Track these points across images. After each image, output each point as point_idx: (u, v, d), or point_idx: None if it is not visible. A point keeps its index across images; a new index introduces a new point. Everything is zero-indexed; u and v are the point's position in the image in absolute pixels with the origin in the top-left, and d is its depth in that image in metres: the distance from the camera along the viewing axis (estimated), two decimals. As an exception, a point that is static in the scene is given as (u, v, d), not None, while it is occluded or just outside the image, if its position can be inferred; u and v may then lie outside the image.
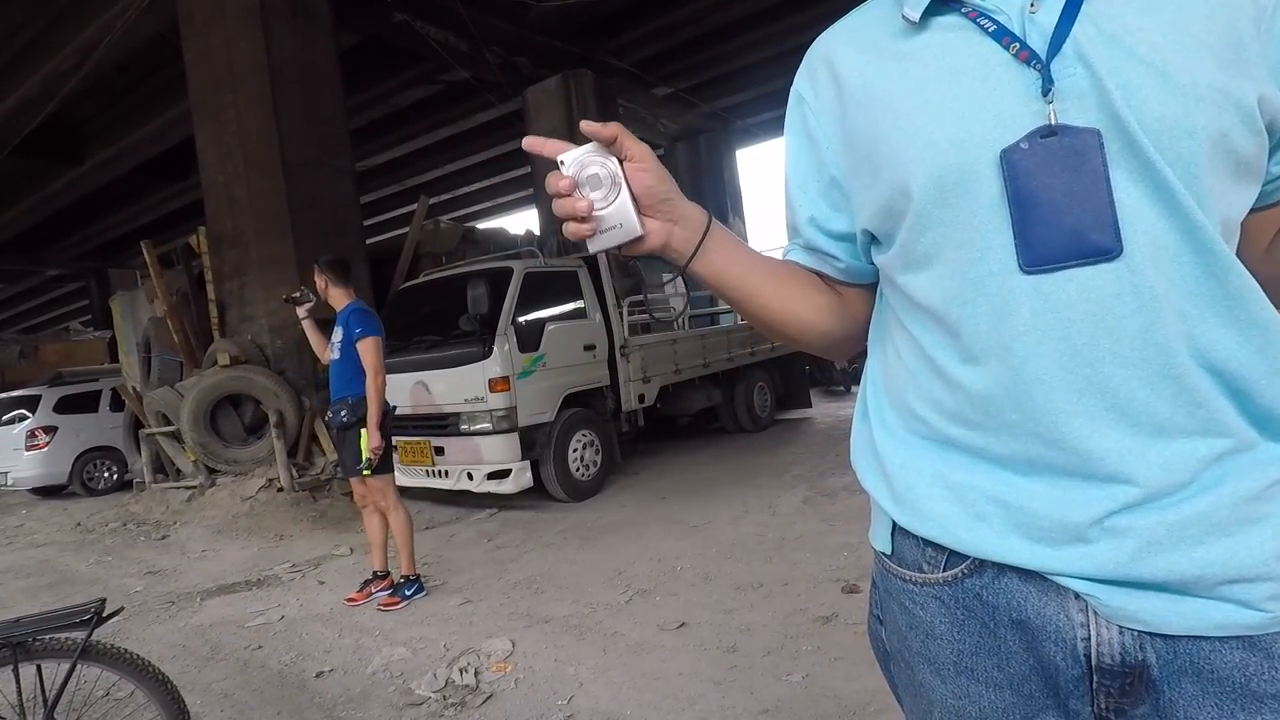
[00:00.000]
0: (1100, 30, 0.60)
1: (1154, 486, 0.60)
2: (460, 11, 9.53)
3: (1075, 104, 0.60)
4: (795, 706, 2.36)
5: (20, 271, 21.36)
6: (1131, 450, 0.61)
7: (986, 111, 0.64)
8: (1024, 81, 0.62)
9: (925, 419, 0.72)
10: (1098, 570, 0.62)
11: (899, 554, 0.76)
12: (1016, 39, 0.63)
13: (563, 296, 6.14)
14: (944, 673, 0.72)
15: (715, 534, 4.42)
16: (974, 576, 0.69)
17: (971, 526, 0.69)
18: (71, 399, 9.61)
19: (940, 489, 0.71)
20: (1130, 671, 0.63)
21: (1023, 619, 0.67)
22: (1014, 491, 0.66)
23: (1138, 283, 0.59)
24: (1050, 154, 0.60)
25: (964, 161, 0.64)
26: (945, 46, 0.67)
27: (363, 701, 2.73)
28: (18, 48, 10.06)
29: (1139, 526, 0.61)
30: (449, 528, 5.42)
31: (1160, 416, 0.60)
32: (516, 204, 22.22)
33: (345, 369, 3.74)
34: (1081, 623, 0.64)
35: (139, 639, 3.60)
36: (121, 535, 6.43)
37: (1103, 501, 0.62)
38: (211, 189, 8.01)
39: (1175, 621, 0.61)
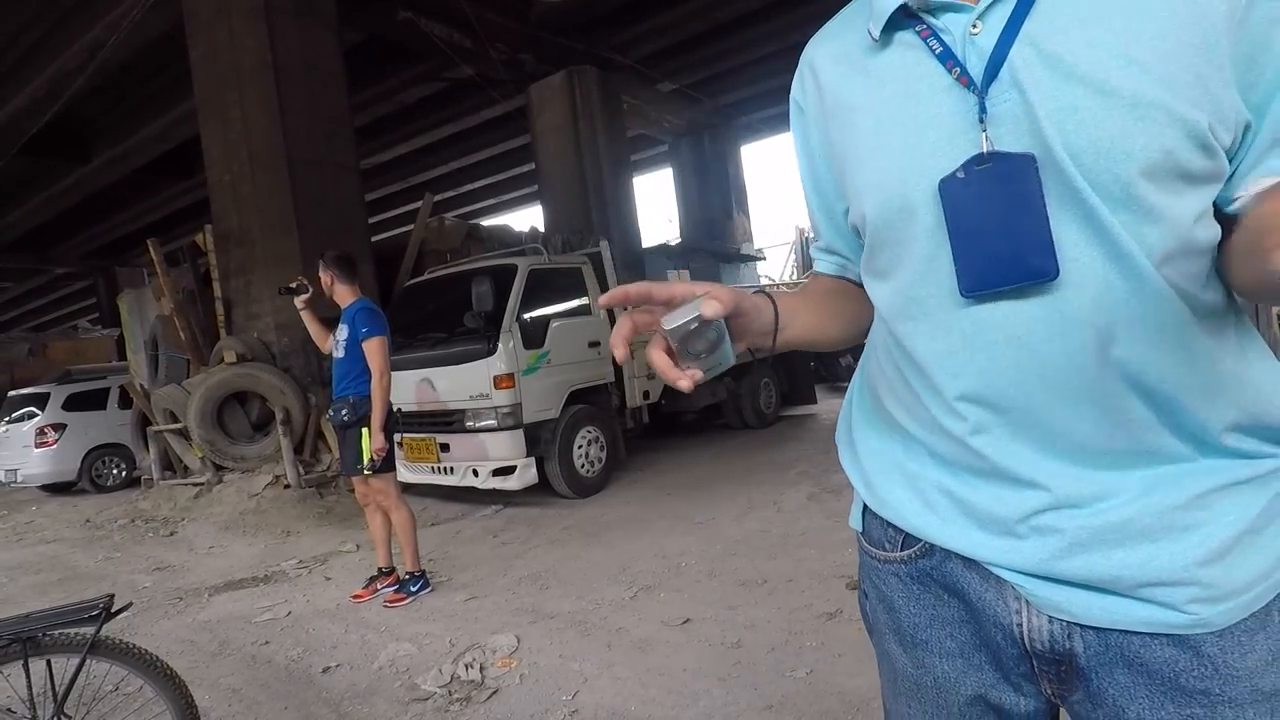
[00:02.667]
0: (1039, 51, 0.59)
1: (1065, 496, 0.63)
2: (464, 8, 9.53)
3: (1010, 129, 0.60)
4: (799, 702, 2.36)
5: (28, 270, 21.49)
6: (1049, 463, 0.64)
7: (927, 139, 0.64)
8: (965, 107, 0.62)
9: (891, 412, 0.76)
10: (1024, 564, 0.66)
11: (868, 533, 0.82)
12: (958, 63, 0.63)
13: (567, 293, 6.14)
14: (904, 643, 0.78)
15: (720, 530, 4.42)
16: (925, 558, 0.75)
17: (921, 513, 0.74)
18: (80, 396, 9.66)
19: (899, 476, 0.76)
20: (1061, 659, 0.67)
21: (966, 601, 0.72)
22: (958, 484, 0.70)
23: (1063, 308, 0.60)
24: (985, 182, 0.60)
25: (906, 190, 0.65)
26: (901, 66, 0.67)
27: (369, 696, 2.74)
28: (24, 47, 10.11)
29: (1062, 527, 0.64)
30: (454, 524, 5.44)
31: (1081, 435, 0.62)
32: (521, 201, 22.21)
33: (349, 367, 3.71)
34: (1016, 609, 0.68)
35: (147, 634, 3.63)
36: (130, 531, 6.47)
37: (1026, 502, 0.65)
38: (217, 187, 8.04)
39: (1100, 615, 0.64)
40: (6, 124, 11.44)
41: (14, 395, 10.09)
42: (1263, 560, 0.62)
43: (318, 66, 8.03)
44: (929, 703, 0.77)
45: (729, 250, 13.56)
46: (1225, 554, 0.61)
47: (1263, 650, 0.62)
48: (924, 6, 0.65)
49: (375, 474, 3.68)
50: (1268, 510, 0.62)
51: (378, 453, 3.61)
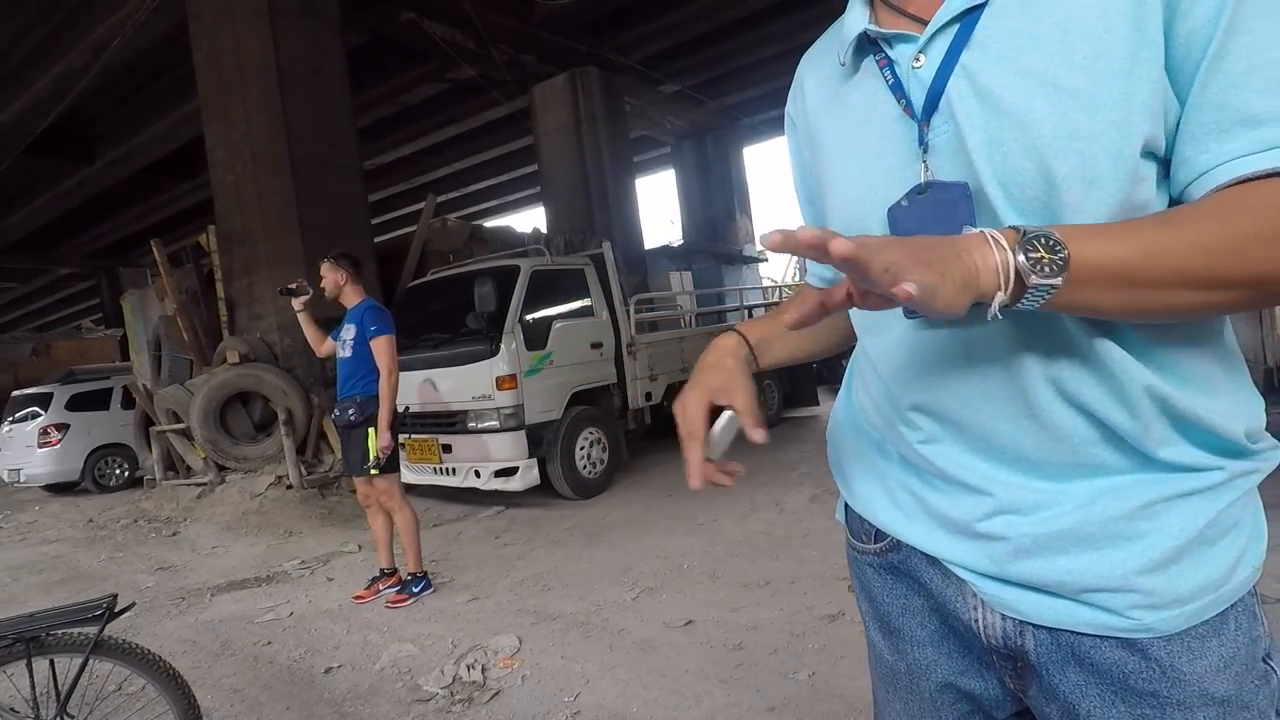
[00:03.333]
0: (972, 84, 0.61)
1: (1010, 502, 0.66)
2: (467, 9, 9.55)
3: (948, 160, 0.62)
4: (801, 704, 2.36)
5: (32, 270, 21.55)
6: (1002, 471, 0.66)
7: (878, 167, 0.68)
8: (910, 137, 0.65)
9: (867, 413, 0.80)
10: (976, 565, 0.69)
11: (850, 525, 0.86)
12: (903, 95, 0.66)
13: (570, 294, 6.14)
14: (883, 630, 0.83)
15: (722, 532, 4.42)
16: (894, 551, 0.79)
17: (888, 509, 0.78)
18: (83, 396, 9.68)
19: (870, 472, 0.81)
20: (1015, 654, 0.70)
21: (929, 594, 0.76)
22: (919, 485, 0.74)
23: (1005, 330, 0.62)
24: (923, 210, 0.63)
25: (864, 215, 0.69)
26: (862, 95, 0.71)
27: (371, 697, 2.74)
28: (29, 48, 10.14)
29: (1008, 534, 0.66)
30: (456, 525, 5.44)
31: (1023, 449, 0.65)
32: (524, 202, 22.24)
33: (357, 367, 3.70)
34: (974, 605, 0.71)
35: (150, 634, 3.63)
36: (133, 532, 6.48)
37: (976, 507, 0.68)
38: (220, 188, 8.06)
39: (1049, 615, 0.66)
40: (11, 124, 11.48)
41: (17, 395, 10.11)
42: (1212, 570, 0.62)
43: (321, 67, 8.04)
44: (904, 688, 0.81)
45: (731, 252, 13.57)
46: (1169, 564, 0.61)
47: (1214, 656, 0.62)
48: (881, 36, 0.68)
49: (380, 474, 3.66)
50: (1218, 521, 0.62)
51: (383, 451, 3.60)
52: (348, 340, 3.73)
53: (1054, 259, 0.52)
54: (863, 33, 0.69)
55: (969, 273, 0.52)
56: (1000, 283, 0.52)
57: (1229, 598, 0.63)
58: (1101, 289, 0.54)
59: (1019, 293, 0.53)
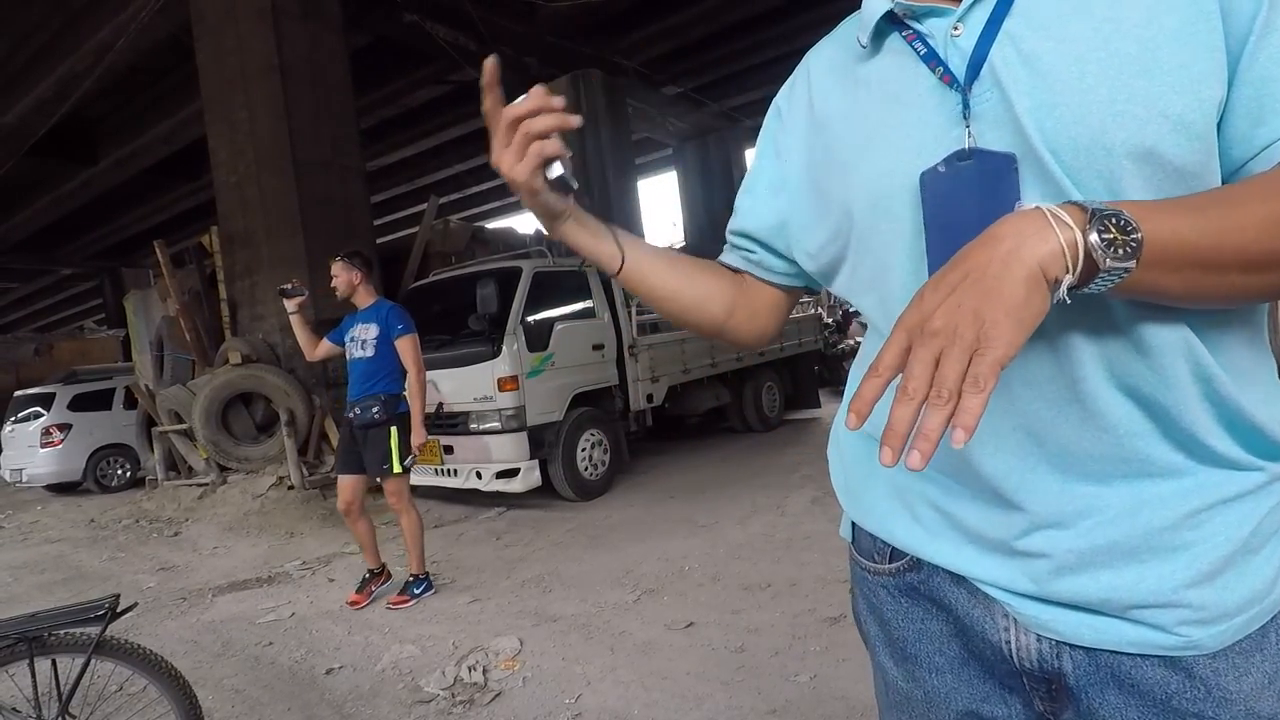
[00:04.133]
0: (1018, 51, 0.59)
1: (1048, 516, 0.62)
2: (470, 11, 9.56)
3: (991, 128, 0.60)
4: (803, 707, 2.36)
5: (35, 270, 21.57)
6: (1037, 474, 0.62)
7: (913, 138, 0.64)
8: (947, 106, 0.62)
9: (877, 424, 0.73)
10: (1011, 584, 0.65)
11: (858, 543, 0.81)
12: (941, 63, 0.63)
13: (571, 296, 6.15)
14: (895, 656, 0.77)
15: (723, 534, 4.42)
16: (913, 571, 0.73)
17: (909, 526, 0.72)
18: (85, 397, 9.70)
19: (886, 487, 0.75)
20: (1050, 677, 0.65)
21: (953, 616, 0.71)
22: (946, 498, 0.69)
23: None
24: (965, 177, 0.60)
25: (892, 186, 0.65)
26: (888, 71, 0.68)
27: (372, 698, 2.74)
28: (33, 49, 10.16)
29: (1050, 549, 0.62)
30: (457, 526, 5.44)
31: (1064, 439, 0.61)
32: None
33: (380, 366, 3.69)
34: (1005, 626, 0.67)
35: (152, 634, 3.64)
36: (134, 532, 6.49)
37: (1009, 524, 0.64)
38: (223, 189, 8.07)
39: (1089, 635, 0.62)
40: (15, 125, 11.50)
41: (20, 395, 10.13)
42: (1257, 580, 0.60)
43: (324, 69, 8.06)
44: (919, 716, 0.76)
45: (733, 253, 13.54)
46: (1216, 575, 0.59)
47: (1259, 673, 0.59)
48: (908, 12, 0.66)
49: (397, 474, 3.66)
50: (1261, 529, 0.60)
51: (419, 448, 3.66)
52: (367, 340, 3.70)
53: (1128, 240, 0.48)
54: (887, 12, 0.67)
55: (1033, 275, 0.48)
56: (1067, 264, 0.48)
57: (1270, 610, 0.60)
58: (1166, 270, 0.50)
59: (1088, 276, 0.49)
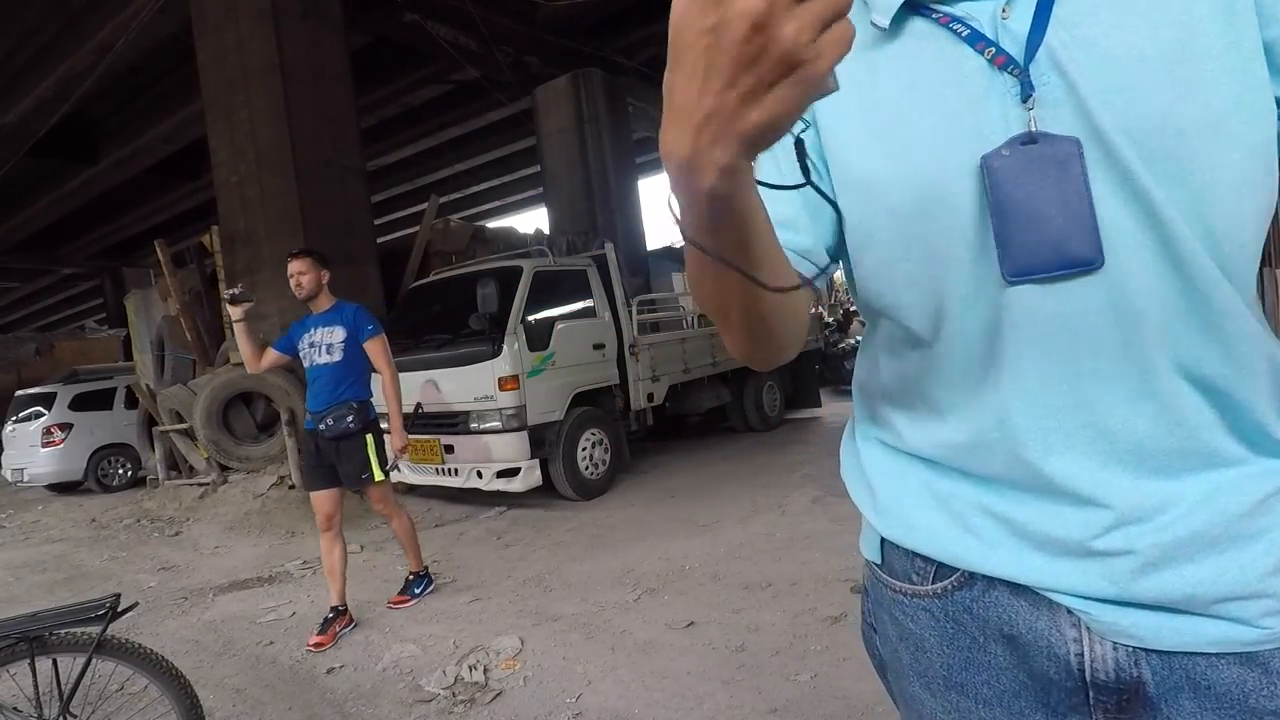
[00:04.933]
0: (1074, 35, 0.58)
1: (1130, 511, 0.59)
2: (470, 11, 9.56)
3: (1051, 112, 0.58)
4: (803, 706, 2.36)
5: (36, 270, 21.60)
6: (1108, 471, 0.60)
7: (963, 121, 0.61)
8: (1000, 88, 0.60)
9: (905, 435, 0.70)
10: (1088, 588, 0.61)
11: (888, 564, 0.74)
12: (992, 44, 0.60)
13: (572, 295, 6.14)
14: (934, 687, 0.71)
15: (724, 533, 4.42)
16: (963, 589, 0.67)
17: (959, 538, 0.67)
18: (86, 396, 9.70)
19: (927, 497, 0.69)
20: (1126, 688, 0.62)
21: (1014, 633, 0.65)
22: (1002, 502, 0.64)
23: (1116, 297, 0.57)
24: (1030, 161, 0.58)
25: (944, 173, 0.61)
26: (919, 55, 0.64)
27: (373, 698, 2.75)
28: (33, 49, 10.17)
29: (1127, 547, 0.59)
30: (458, 526, 5.45)
31: (1138, 436, 0.59)
32: (526, 203, 22.26)
33: (347, 371, 3.44)
34: (1074, 638, 0.63)
35: (152, 634, 3.64)
36: (135, 531, 6.50)
37: (1086, 523, 0.60)
38: (224, 188, 8.08)
39: (1170, 638, 0.60)
40: (15, 125, 11.51)
41: (21, 395, 10.14)
42: None
43: (324, 68, 8.06)
44: None
45: (734, 253, 13.53)
46: None
47: None
48: None
49: (379, 481, 3.47)
50: None
51: (401, 452, 3.55)
52: (333, 344, 3.42)
53: None
54: None
55: None
56: None
57: None
58: None
59: None
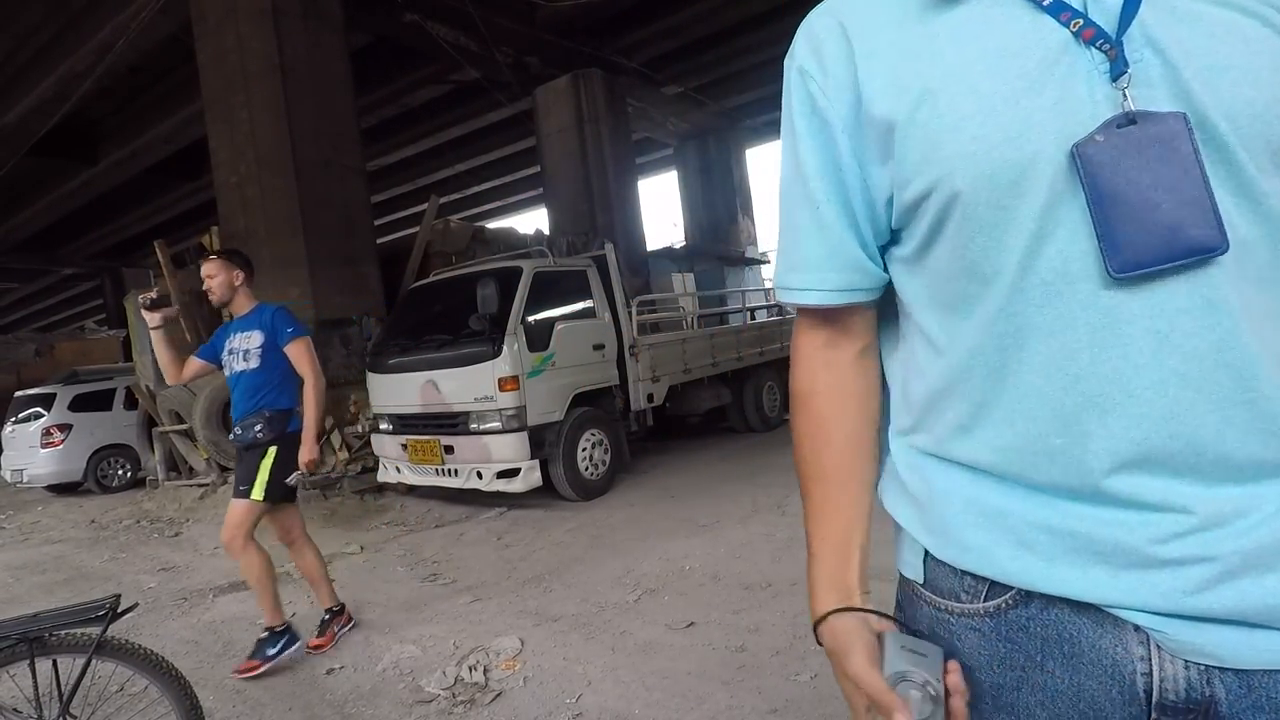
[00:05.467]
0: (1172, 11, 0.54)
1: (1209, 516, 0.55)
2: (470, 11, 9.56)
3: (1145, 92, 0.54)
4: (804, 706, 2.36)
5: (35, 271, 21.61)
6: (1184, 482, 0.55)
7: (1045, 98, 0.56)
8: (1088, 64, 0.55)
9: (954, 441, 0.66)
10: (1161, 603, 0.56)
11: (932, 582, 0.70)
12: (1079, 14, 0.55)
13: (572, 296, 6.14)
14: (980, 708, 0.67)
15: (724, 533, 4.42)
16: (1019, 608, 0.63)
17: (1015, 554, 0.62)
18: (86, 397, 9.70)
19: (976, 515, 0.65)
20: (1195, 708, 0.58)
21: (1073, 653, 0.61)
22: (1060, 515, 0.60)
23: (1211, 295, 0.53)
24: (1132, 145, 0.53)
25: (1022, 156, 0.56)
26: (989, 22, 0.59)
27: (373, 698, 2.74)
28: (34, 49, 10.18)
29: (1204, 554, 0.55)
30: (458, 526, 5.45)
31: (1228, 445, 0.54)
32: (526, 203, 22.27)
33: (266, 378, 3.13)
34: (1141, 656, 0.58)
35: (152, 635, 3.63)
36: (135, 532, 6.49)
37: (1157, 530, 0.56)
38: (224, 189, 8.08)
39: (1249, 655, 0.55)
40: (15, 125, 11.51)
41: (20, 395, 10.13)
42: None
43: (324, 69, 8.06)
44: None
45: (733, 253, 13.60)
46: None
47: None
48: None
49: (274, 500, 3.13)
50: None
51: (309, 465, 3.15)
52: (250, 350, 3.13)
53: None
54: None
55: None
56: None
57: None
58: None
59: None
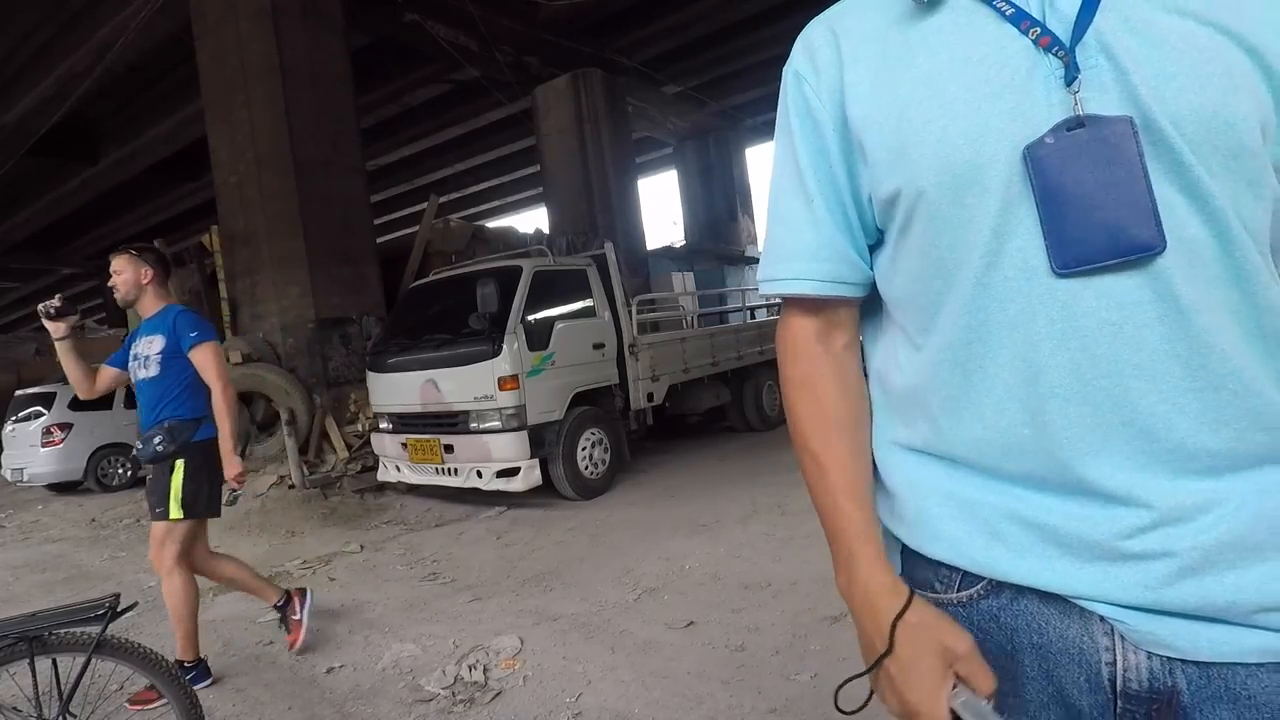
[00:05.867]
0: (1125, 19, 0.56)
1: (1170, 511, 0.57)
2: (470, 11, 9.56)
3: (1098, 96, 0.56)
4: (803, 706, 2.36)
5: (35, 270, 21.61)
6: (1146, 473, 0.58)
7: (1003, 102, 0.59)
8: (1044, 70, 0.58)
9: (931, 434, 0.68)
10: (1123, 595, 0.59)
11: (909, 573, 0.72)
12: (1037, 23, 0.59)
13: (572, 295, 6.14)
14: None
15: (723, 533, 4.42)
16: (990, 598, 0.66)
17: (987, 546, 0.65)
18: (86, 396, 9.69)
19: (951, 507, 0.67)
20: (1158, 698, 0.60)
21: (1043, 642, 0.64)
22: (1030, 508, 0.62)
23: (1160, 289, 0.55)
24: (1079, 147, 0.56)
25: (979, 157, 0.60)
26: (958, 31, 0.63)
27: (373, 697, 2.75)
28: (33, 49, 10.18)
29: (1165, 549, 0.57)
30: (458, 525, 5.45)
31: (1181, 434, 0.56)
32: (526, 203, 22.28)
33: (168, 386, 2.86)
34: (1106, 646, 0.61)
35: (152, 634, 3.63)
36: (135, 531, 6.49)
37: (1121, 524, 0.58)
38: (224, 188, 8.09)
39: (1208, 648, 0.57)
40: (15, 125, 11.52)
41: (21, 394, 10.12)
42: None
43: (324, 68, 8.07)
44: None
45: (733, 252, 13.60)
46: None
47: None
48: None
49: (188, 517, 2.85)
50: None
51: (237, 480, 2.90)
52: (150, 356, 2.86)
53: None
54: None
55: None
56: None
57: None
58: None
59: None
